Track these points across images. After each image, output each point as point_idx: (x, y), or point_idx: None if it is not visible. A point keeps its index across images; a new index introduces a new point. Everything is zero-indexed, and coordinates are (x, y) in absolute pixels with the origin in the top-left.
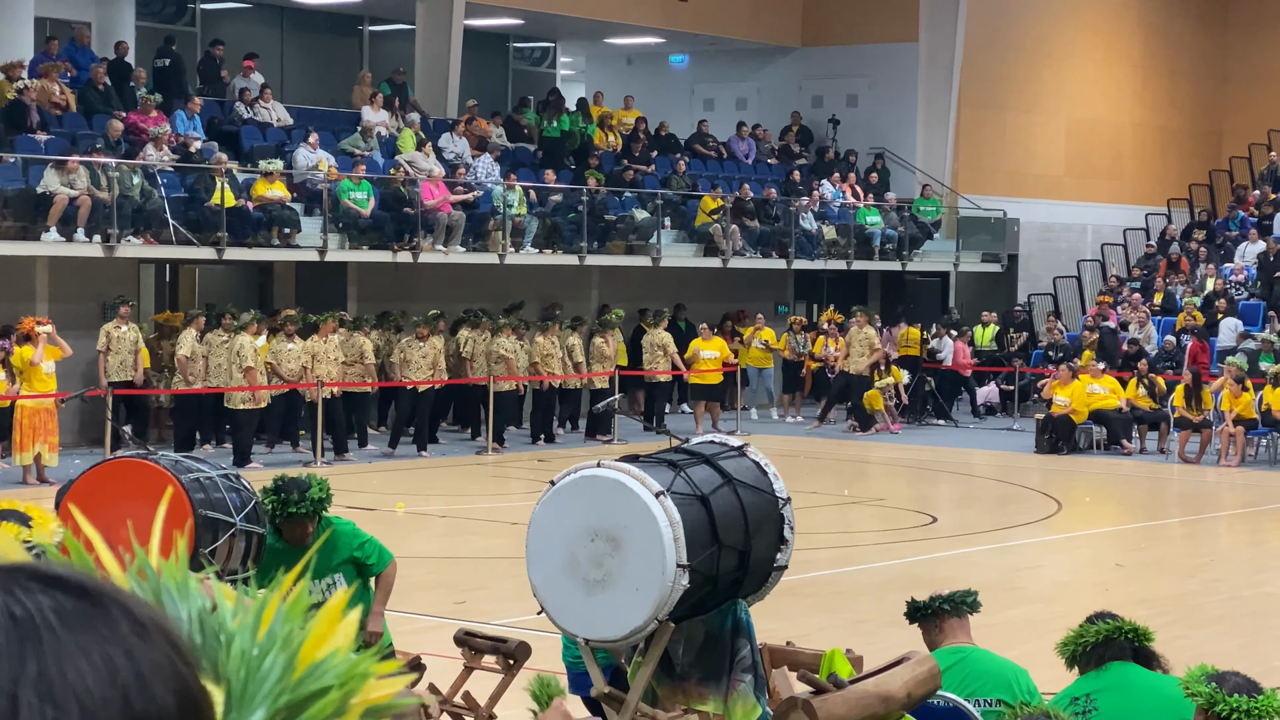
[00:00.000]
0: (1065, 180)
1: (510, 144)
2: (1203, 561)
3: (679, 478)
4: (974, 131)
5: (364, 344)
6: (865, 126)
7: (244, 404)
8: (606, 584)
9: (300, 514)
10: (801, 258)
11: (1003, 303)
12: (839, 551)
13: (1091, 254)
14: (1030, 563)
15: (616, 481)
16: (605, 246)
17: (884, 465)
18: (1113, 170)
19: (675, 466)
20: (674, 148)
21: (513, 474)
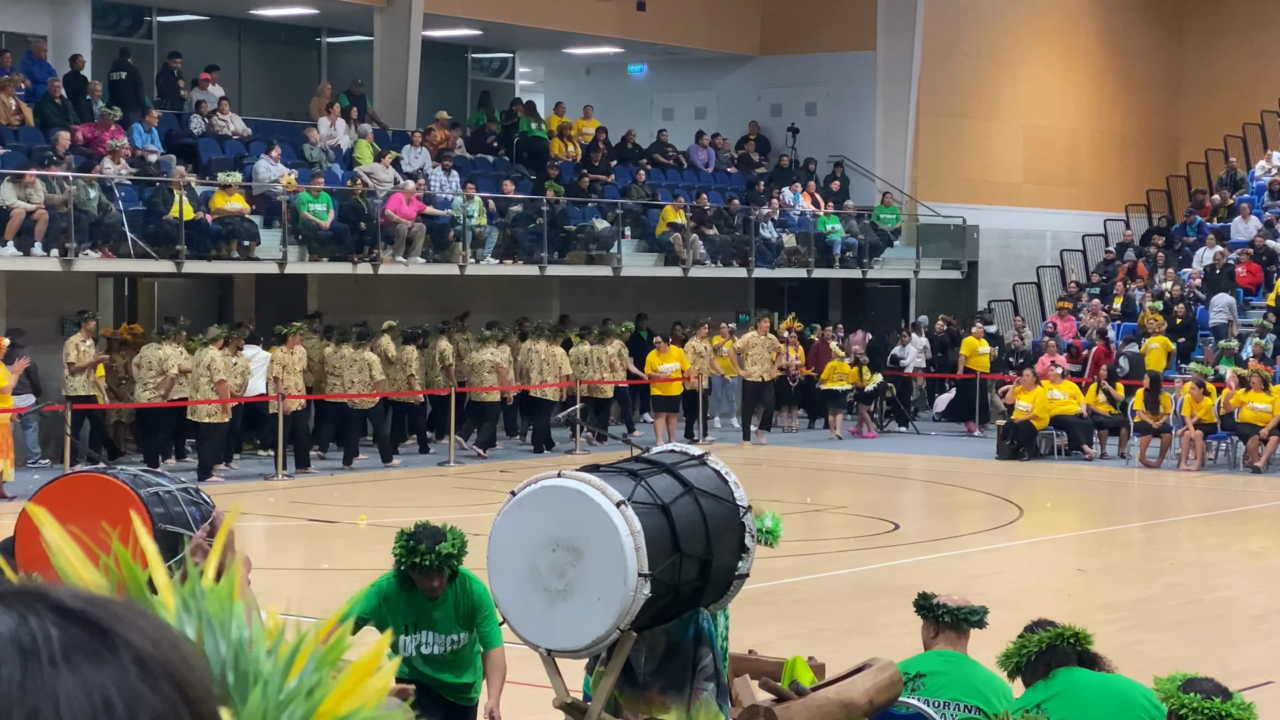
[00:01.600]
0: (1024, 187)
1: (470, 154)
2: (1163, 566)
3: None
4: (933, 139)
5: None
6: (824, 135)
7: (209, 418)
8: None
9: (426, 565)
10: (762, 266)
11: (963, 309)
12: (801, 560)
13: (1051, 260)
14: (992, 568)
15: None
16: (566, 257)
17: (846, 473)
18: (1071, 177)
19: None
20: (634, 157)
21: (475, 485)
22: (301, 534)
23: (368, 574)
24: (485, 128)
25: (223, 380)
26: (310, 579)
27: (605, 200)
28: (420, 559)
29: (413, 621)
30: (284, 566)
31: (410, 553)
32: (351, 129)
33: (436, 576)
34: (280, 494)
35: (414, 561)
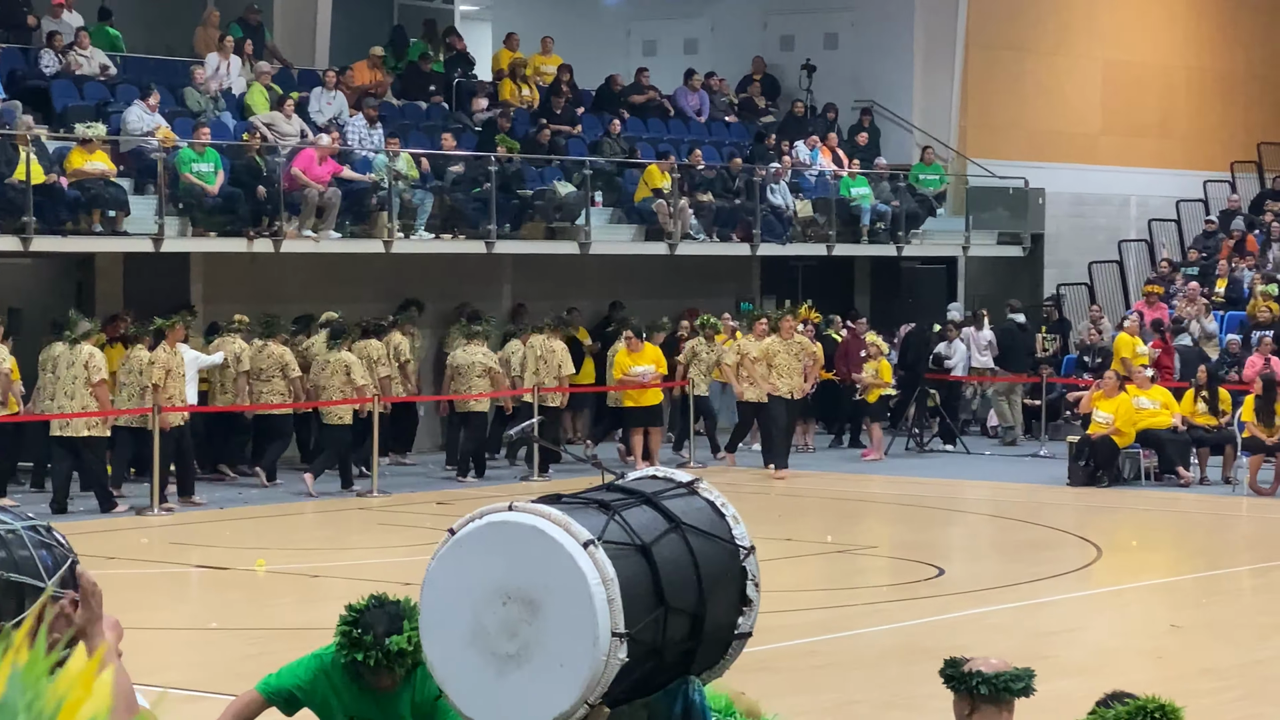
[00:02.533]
0: (1102, 140)
1: (398, 100)
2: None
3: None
4: (985, 80)
5: (398, 343)
6: (848, 74)
7: (90, 430)
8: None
9: (371, 665)
10: (770, 241)
11: (1026, 294)
12: (821, 614)
13: (1136, 233)
14: (1065, 625)
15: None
16: (520, 230)
17: (878, 504)
18: (1162, 127)
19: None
20: (607, 104)
21: (404, 520)
22: (183, 584)
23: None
24: (418, 66)
25: (105, 380)
26: (196, 643)
27: (570, 158)
28: (366, 656)
29: (359, 715)
30: (161, 626)
31: (354, 646)
32: (246, 68)
33: (387, 676)
34: (157, 532)
35: (356, 658)
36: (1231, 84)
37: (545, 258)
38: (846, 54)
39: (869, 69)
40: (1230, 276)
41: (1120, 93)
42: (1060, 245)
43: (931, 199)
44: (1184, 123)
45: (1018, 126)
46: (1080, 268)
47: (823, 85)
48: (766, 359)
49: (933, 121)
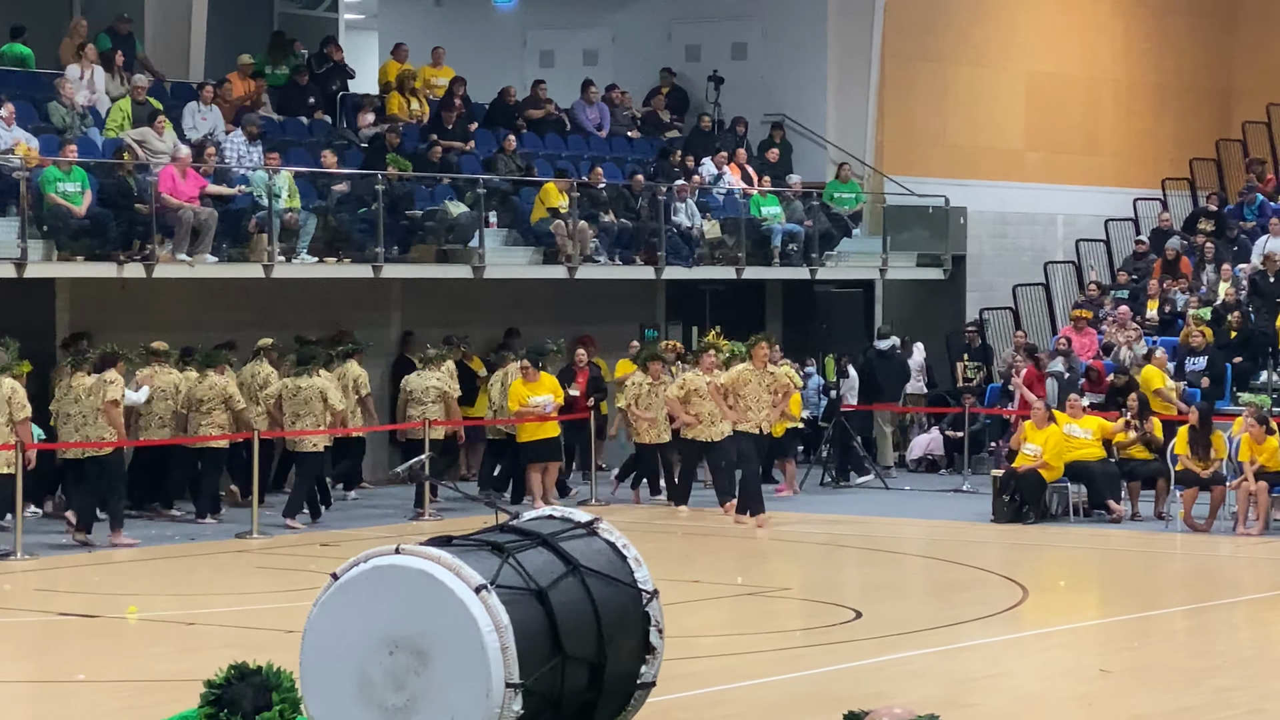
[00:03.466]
0: (1026, 156)
1: (279, 115)
2: (1215, 664)
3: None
4: (903, 93)
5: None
6: (758, 87)
7: (8, 467)
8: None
9: None
10: (675, 264)
11: (947, 319)
12: (729, 661)
13: (1063, 254)
14: (988, 670)
15: (422, 573)
16: (409, 252)
17: (792, 543)
18: (1090, 143)
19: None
20: (502, 118)
21: (285, 564)
22: (46, 634)
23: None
24: (298, 80)
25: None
26: (60, 696)
27: (462, 176)
28: None
29: None
30: (20, 679)
31: None
32: (116, 80)
33: None
34: (19, 578)
35: None
36: (1162, 96)
37: (436, 282)
38: (756, 65)
39: (780, 81)
40: (1162, 299)
41: (1045, 106)
42: (983, 267)
43: (847, 219)
44: (1113, 138)
45: (938, 142)
46: (1004, 291)
47: (731, 98)
48: (734, 389)
49: (848, 137)
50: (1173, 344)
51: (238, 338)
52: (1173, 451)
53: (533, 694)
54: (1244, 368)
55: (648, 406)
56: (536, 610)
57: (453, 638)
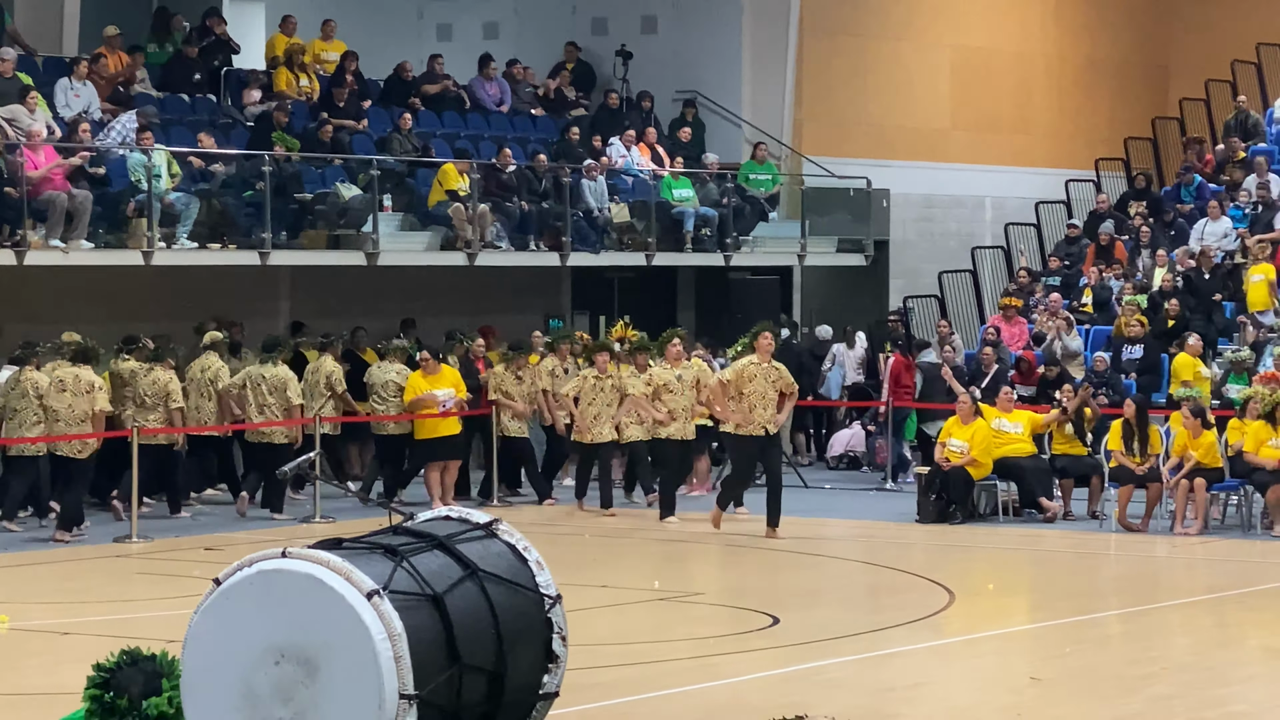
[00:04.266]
0: (953, 136)
1: (159, 92)
2: (1151, 671)
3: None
4: (823, 69)
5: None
6: (669, 62)
7: None
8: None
9: None
10: (582, 250)
11: (869, 308)
12: (639, 670)
13: (992, 238)
14: (913, 679)
15: (310, 578)
16: (299, 238)
17: (705, 545)
18: (1019, 121)
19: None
20: (397, 95)
21: (167, 569)
22: None
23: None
24: (182, 54)
25: None
26: None
27: (355, 157)
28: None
29: None
30: None
31: (106, 712)
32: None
33: None
34: None
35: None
36: (1095, 73)
37: (327, 270)
38: (667, 40)
39: (692, 56)
40: (1097, 286)
41: (973, 83)
42: (907, 253)
43: (763, 202)
44: (1043, 116)
45: (859, 121)
46: (929, 278)
47: (640, 74)
48: (738, 385)
49: (764, 115)
50: (1107, 333)
51: (114, 330)
52: (1106, 447)
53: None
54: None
55: (592, 402)
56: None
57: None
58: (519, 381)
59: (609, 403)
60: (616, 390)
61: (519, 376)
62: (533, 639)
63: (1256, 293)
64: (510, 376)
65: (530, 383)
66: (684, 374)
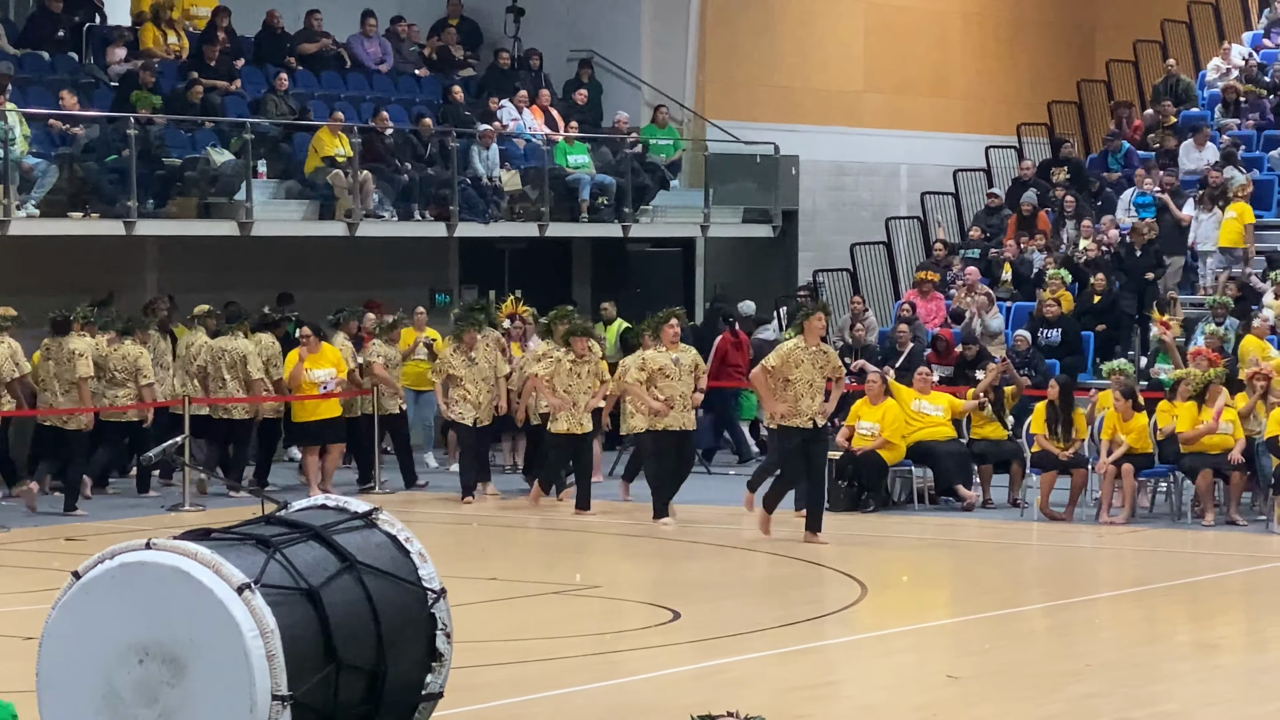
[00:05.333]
0: (866, 99)
1: (15, 49)
2: (1075, 667)
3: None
4: (727, 27)
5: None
6: (563, 19)
7: None
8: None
9: None
10: (470, 220)
11: (777, 282)
12: (531, 669)
13: (907, 208)
14: (822, 677)
15: (176, 571)
16: (167, 206)
17: (601, 535)
18: (937, 84)
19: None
20: (272, 54)
21: (22, 560)
22: None
23: None
24: (45, 8)
25: None
26: None
27: (227, 120)
28: None
29: None
30: None
31: None
32: None
33: None
34: None
35: None
36: (1018, 33)
37: (198, 240)
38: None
39: (588, 12)
40: (1018, 260)
41: (887, 43)
42: (817, 223)
43: (664, 169)
44: (962, 78)
45: (766, 83)
46: (841, 250)
47: (532, 32)
48: (784, 371)
49: (665, 76)
50: (1029, 310)
51: None
52: (1028, 431)
53: (303, 707)
54: (1108, 336)
55: (568, 390)
56: (307, 612)
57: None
58: (470, 364)
59: (587, 390)
60: (595, 376)
61: (470, 358)
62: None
63: (1229, 231)
64: (460, 357)
65: (484, 364)
66: (681, 358)
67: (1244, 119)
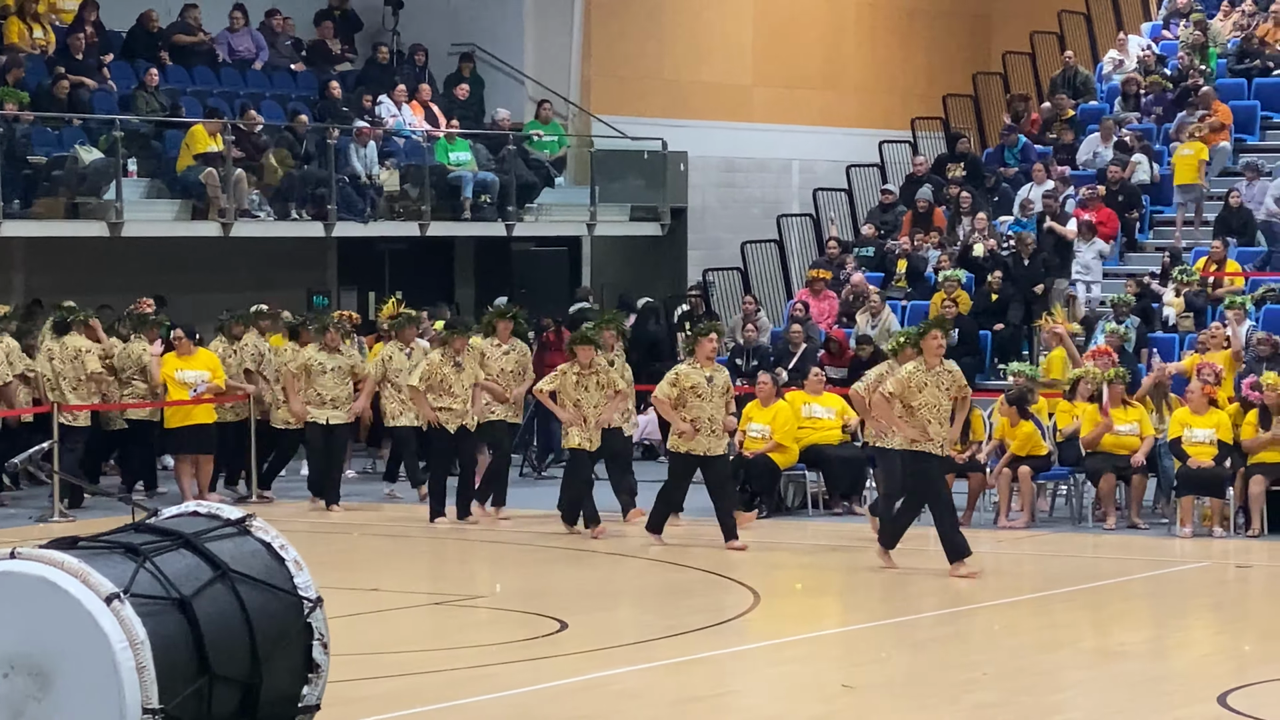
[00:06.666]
0: (756, 93)
1: None
2: (973, 676)
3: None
4: (613, 20)
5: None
6: (444, 12)
7: None
8: None
9: None
10: (349, 219)
11: (666, 281)
12: (412, 681)
13: (799, 205)
14: (713, 689)
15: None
16: (33, 207)
17: (486, 544)
18: (829, 77)
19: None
20: (143, 48)
21: None
22: None
23: None
24: None
25: None
26: None
27: (96, 117)
28: None
29: None
30: None
31: None
32: None
33: None
34: None
35: None
36: (911, 24)
37: (66, 241)
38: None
39: (469, 5)
40: (913, 257)
41: (778, 36)
42: (707, 221)
43: (549, 165)
44: (855, 71)
45: (653, 77)
46: (732, 248)
47: (412, 25)
48: (903, 396)
49: (549, 70)
50: (924, 309)
51: None
52: None
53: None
54: (1005, 335)
55: (576, 403)
56: (179, 622)
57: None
58: (458, 370)
59: (596, 403)
60: (604, 388)
61: (457, 363)
62: (291, 646)
63: (1184, 168)
64: (448, 363)
65: (470, 370)
66: (716, 377)
67: (1146, 112)
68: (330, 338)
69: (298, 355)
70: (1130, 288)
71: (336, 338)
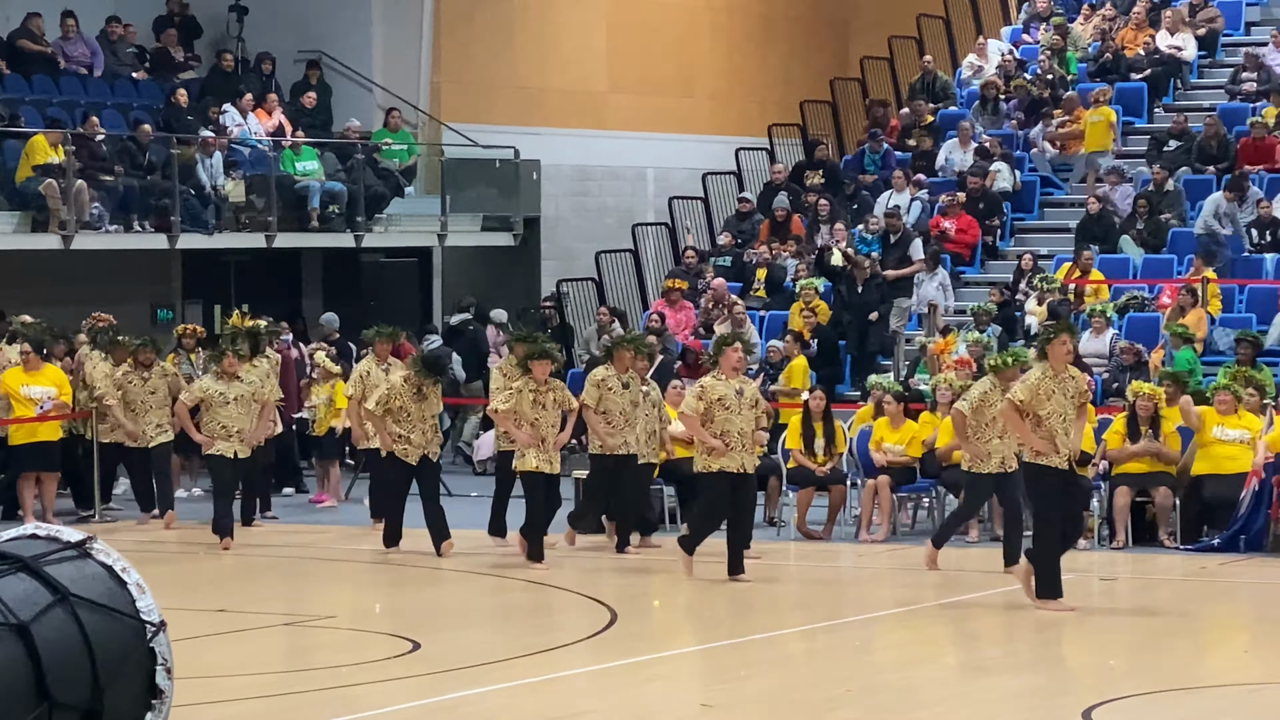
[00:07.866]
0: (610, 100)
1: None
2: (835, 695)
3: None
4: (463, 26)
5: None
6: (290, 18)
7: None
8: None
9: None
10: (193, 231)
11: (519, 292)
12: (261, 705)
13: (655, 214)
14: (570, 708)
15: None
16: None
17: (332, 562)
18: (684, 83)
19: None
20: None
21: None
22: None
23: None
24: None
25: None
26: None
27: None
28: None
29: None
30: None
31: None
32: None
33: None
34: None
35: None
36: (767, 29)
37: None
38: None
39: (315, 11)
40: (772, 267)
41: (632, 41)
42: (560, 231)
43: (398, 175)
44: (711, 77)
45: (504, 84)
46: (586, 258)
47: (257, 32)
48: (1032, 407)
49: (397, 77)
50: (783, 319)
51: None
52: (784, 446)
53: None
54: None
55: (534, 422)
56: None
57: None
58: (420, 399)
59: (553, 423)
60: (559, 406)
61: (420, 392)
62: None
63: (1095, 134)
64: (409, 390)
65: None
66: (744, 389)
67: (1006, 118)
68: (228, 363)
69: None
70: (994, 296)
71: (235, 363)
